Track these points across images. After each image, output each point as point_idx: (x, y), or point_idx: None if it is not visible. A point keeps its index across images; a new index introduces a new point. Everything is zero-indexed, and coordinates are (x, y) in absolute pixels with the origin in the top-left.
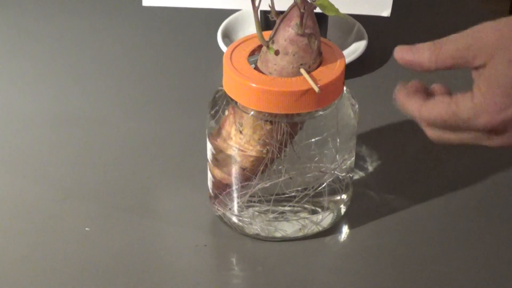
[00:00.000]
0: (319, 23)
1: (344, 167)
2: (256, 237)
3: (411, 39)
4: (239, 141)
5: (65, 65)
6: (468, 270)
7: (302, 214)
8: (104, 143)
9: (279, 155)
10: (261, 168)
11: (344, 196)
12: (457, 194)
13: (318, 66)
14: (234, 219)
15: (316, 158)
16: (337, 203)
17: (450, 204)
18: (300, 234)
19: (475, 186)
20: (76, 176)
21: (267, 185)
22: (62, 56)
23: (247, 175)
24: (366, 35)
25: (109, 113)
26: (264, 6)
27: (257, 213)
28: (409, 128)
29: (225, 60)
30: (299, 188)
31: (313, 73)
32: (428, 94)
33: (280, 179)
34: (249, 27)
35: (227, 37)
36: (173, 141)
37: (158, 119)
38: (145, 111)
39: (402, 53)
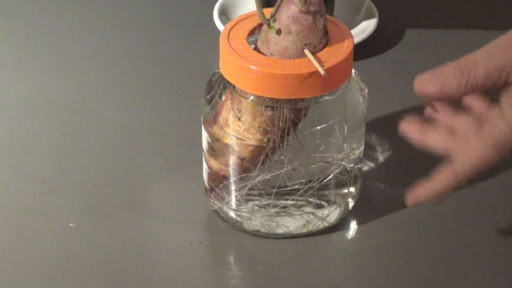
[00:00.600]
0: None
1: (352, 157)
2: (256, 234)
3: (425, 17)
4: (237, 129)
5: (47, 47)
6: (486, 269)
7: (306, 209)
8: (90, 131)
9: (281, 144)
10: (262, 159)
11: (352, 189)
12: (476, 187)
13: (324, 47)
14: (232, 214)
15: (322, 148)
16: (345, 196)
17: (468, 199)
18: (304, 230)
19: (497, 180)
20: (59, 167)
21: (268, 177)
22: (42, 37)
23: (246, 166)
24: (376, 13)
25: (95, 98)
26: None
27: (257, 207)
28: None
29: (222, 40)
30: (303, 180)
31: (319, 54)
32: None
33: (282, 171)
34: (248, 4)
35: (224, 14)
36: (165, 129)
37: (148, 105)
38: (134, 96)
39: (423, 86)
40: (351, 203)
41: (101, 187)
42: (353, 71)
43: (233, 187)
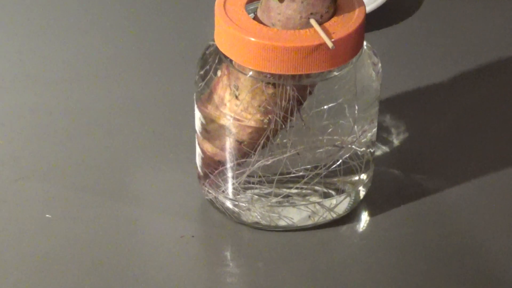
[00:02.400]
0: None
1: (363, 140)
2: (256, 226)
3: None
4: (235, 109)
5: (26, 18)
6: (509, 263)
7: (312, 198)
8: (69, 110)
9: (283, 126)
10: (262, 142)
11: (363, 176)
12: (500, 174)
13: (332, 16)
14: (229, 204)
15: (330, 130)
16: (355, 184)
17: (492, 187)
18: (310, 222)
19: None
20: (34, 150)
21: (269, 162)
22: (19, 4)
23: (244, 150)
24: None
25: (74, 73)
26: None
27: (256, 196)
28: (444, 92)
29: (217, 8)
30: (309, 166)
31: (326, 24)
32: None
33: (285, 155)
34: None
35: None
36: (153, 109)
37: (134, 82)
38: (119, 71)
39: None
40: (362, 192)
41: (81, 173)
42: (364, 43)
43: (229, 174)
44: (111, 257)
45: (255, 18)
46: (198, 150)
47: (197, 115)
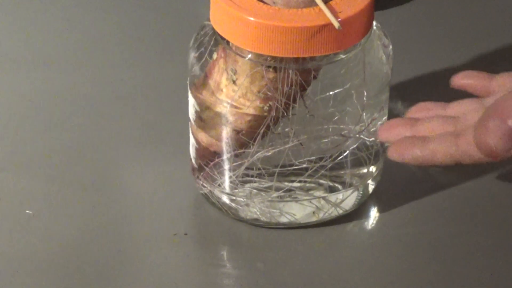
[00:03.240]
0: None
1: (373, 129)
2: (255, 223)
3: None
4: (232, 95)
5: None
6: None
7: (316, 193)
8: (50, 97)
9: (285, 114)
10: (262, 131)
11: (372, 169)
12: None
13: None
14: (225, 199)
15: (336, 118)
16: (363, 177)
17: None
18: (314, 219)
19: None
20: (12, 141)
21: (270, 153)
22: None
23: (242, 140)
24: None
25: (55, 56)
26: None
27: (255, 191)
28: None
29: None
30: (313, 158)
31: (332, 2)
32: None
33: (286, 146)
34: None
35: None
36: (143, 95)
37: (122, 65)
38: (104, 53)
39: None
40: (371, 185)
41: (64, 166)
42: (374, 23)
43: (226, 166)
44: (96, 257)
45: None
46: (192, 140)
47: (191, 102)
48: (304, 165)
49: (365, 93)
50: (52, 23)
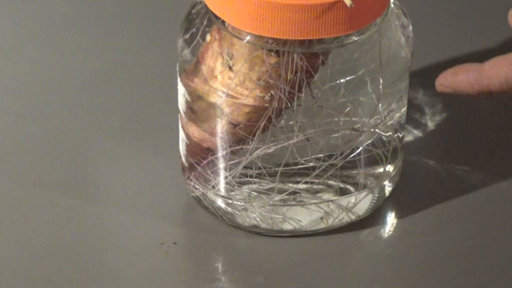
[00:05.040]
0: None
1: (390, 122)
2: (254, 231)
3: None
4: (228, 82)
5: None
6: None
7: (325, 196)
8: (17, 81)
9: (289, 104)
10: (262, 125)
11: (389, 168)
12: None
13: None
14: (220, 202)
15: (347, 109)
16: (379, 178)
17: None
18: (322, 226)
19: None
20: None
21: (271, 150)
22: None
23: (240, 135)
24: None
25: (25, 37)
26: None
27: (255, 193)
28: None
29: None
30: (321, 156)
31: None
32: None
33: (291, 142)
34: None
35: None
36: (126, 83)
37: (102, 47)
38: (85, 34)
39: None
40: (388, 187)
41: (35, 164)
42: (391, 0)
43: (221, 165)
44: (72, 270)
45: None
46: (182, 135)
47: (181, 90)
48: (311, 164)
49: (381, 81)
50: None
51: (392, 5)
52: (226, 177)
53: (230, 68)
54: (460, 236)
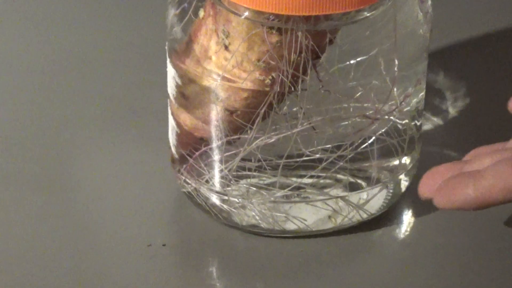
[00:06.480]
0: None
1: (406, 109)
2: (253, 231)
3: None
4: (224, 64)
5: None
6: None
7: (333, 191)
8: None
9: (293, 89)
10: (262, 112)
11: (405, 160)
12: None
13: None
14: (215, 199)
15: (358, 94)
16: (394, 172)
17: None
18: (330, 225)
19: None
20: None
21: (273, 140)
22: None
23: (237, 123)
24: None
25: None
26: None
27: (254, 189)
28: None
29: None
30: (328, 146)
31: None
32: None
33: (294, 130)
34: None
35: None
36: (109, 63)
37: (82, 22)
38: (61, 11)
39: None
40: (404, 182)
41: (6, 156)
42: None
43: (216, 157)
44: (46, 276)
45: None
46: (172, 123)
47: (171, 73)
48: (317, 156)
49: (396, 62)
50: None
51: None
52: (221, 171)
53: (226, 47)
54: (486, 238)
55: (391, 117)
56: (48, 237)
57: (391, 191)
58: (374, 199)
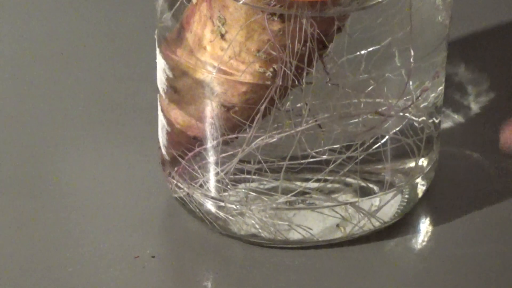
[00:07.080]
0: None
1: (423, 105)
2: (253, 241)
3: None
4: (220, 54)
5: None
6: None
7: (342, 197)
8: None
9: (297, 82)
10: (263, 108)
11: (422, 162)
12: None
13: None
14: (210, 205)
15: (370, 88)
16: (410, 175)
17: None
18: (338, 235)
19: None
20: None
21: (274, 140)
22: None
23: (234, 121)
24: None
25: None
26: None
27: (254, 194)
28: None
29: None
30: (336, 147)
31: None
32: None
33: (298, 129)
34: None
35: None
36: (93, 54)
37: (63, 8)
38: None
39: None
40: (420, 186)
41: None
42: None
43: (211, 158)
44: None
45: None
46: (162, 121)
47: (161, 65)
48: (324, 157)
49: (412, 53)
50: None
51: None
52: (217, 174)
53: (222, 36)
54: (510, 247)
55: (407, 114)
56: (27, 247)
57: (406, 196)
58: (387, 206)
